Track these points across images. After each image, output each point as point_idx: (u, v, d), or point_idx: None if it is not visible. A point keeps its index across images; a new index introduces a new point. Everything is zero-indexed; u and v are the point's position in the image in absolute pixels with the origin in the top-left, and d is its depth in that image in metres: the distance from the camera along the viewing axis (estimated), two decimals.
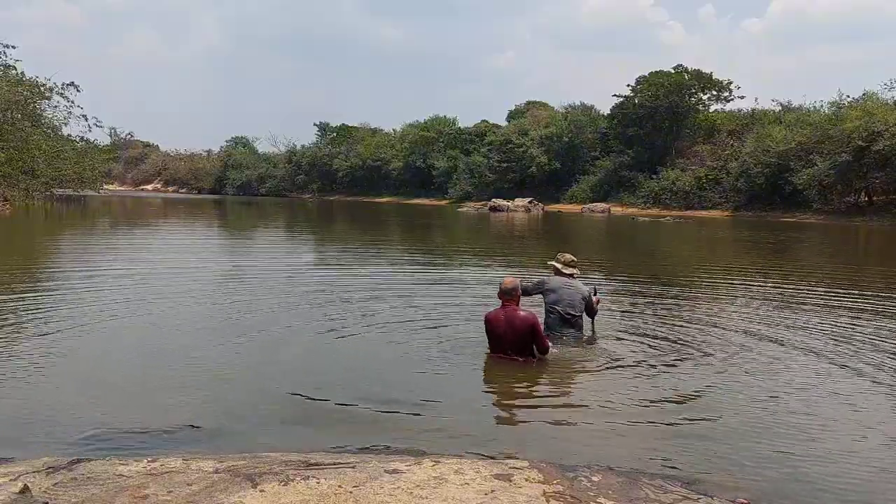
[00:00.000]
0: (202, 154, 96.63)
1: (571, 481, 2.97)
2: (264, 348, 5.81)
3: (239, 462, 3.07)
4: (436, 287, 9.64)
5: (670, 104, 50.15)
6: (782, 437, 3.87)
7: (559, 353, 5.63)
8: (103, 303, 7.64)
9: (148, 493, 2.69)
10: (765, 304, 8.69)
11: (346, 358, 5.60)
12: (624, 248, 20.99)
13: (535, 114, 62.07)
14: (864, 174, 36.09)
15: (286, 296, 8.48)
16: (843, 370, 5.37)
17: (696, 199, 44.87)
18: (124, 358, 5.41)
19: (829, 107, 42.86)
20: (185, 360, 5.28)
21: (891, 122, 34.71)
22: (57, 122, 36.98)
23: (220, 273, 11.12)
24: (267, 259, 14.25)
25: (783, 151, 39.84)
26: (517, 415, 4.38)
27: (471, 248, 18.85)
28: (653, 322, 7.18)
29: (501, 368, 5.25)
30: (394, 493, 2.72)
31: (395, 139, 73.02)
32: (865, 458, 3.62)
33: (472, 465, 3.07)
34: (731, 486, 3.16)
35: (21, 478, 2.80)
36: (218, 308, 7.58)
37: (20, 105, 32.61)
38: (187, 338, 6.07)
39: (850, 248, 21.94)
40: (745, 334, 6.62)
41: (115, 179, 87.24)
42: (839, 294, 9.54)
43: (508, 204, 45.54)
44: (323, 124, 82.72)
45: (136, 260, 12.77)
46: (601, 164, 53.39)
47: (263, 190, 78.88)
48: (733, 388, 4.83)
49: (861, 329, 6.97)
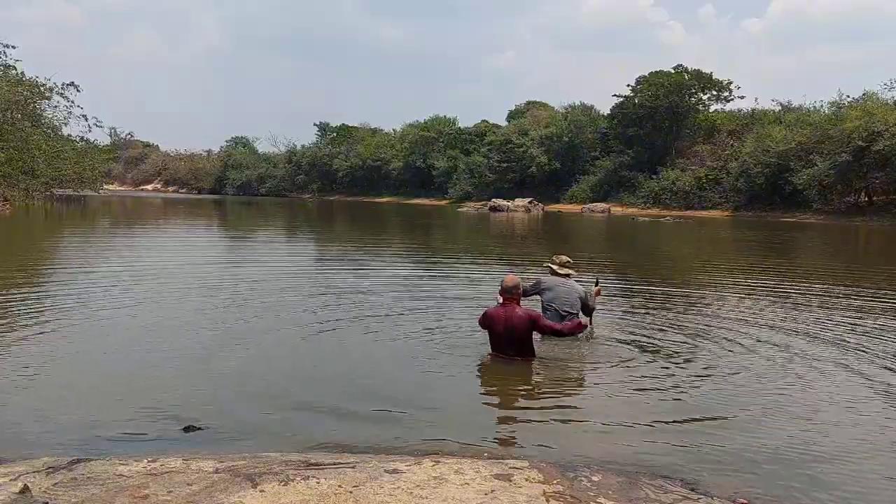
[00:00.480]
0: (202, 154, 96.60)
1: (571, 481, 2.97)
2: (264, 348, 5.81)
3: (239, 462, 3.07)
4: (436, 287, 9.64)
5: (670, 104, 50.13)
6: (782, 437, 3.87)
7: (558, 352, 5.64)
8: (103, 303, 7.64)
9: (148, 493, 2.69)
10: (766, 303, 8.68)
11: (347, 357, 5.60)
12: (624, 248, 20.99)
13: (535, 114, 62.04)
14: (864, 174, 36.07)
15: (286, 295, 8.48)
16: (844, 370, 5.37)
17: (696, 199, 44.85)
18: (124, 358, 5.41)
19: (829, 107, 42.88)
20: (185, 360, 5.28)
21: (891, 122, 34.70)
22: (57, 122, 37.01)
23: (220, 273, 11.11)
24: (267, 258, 14.25)
25: (783, 151, 39.83)
26: (517, 415, 4.38)
27: (471, 247, 18.85)
28: (653, 322, 7.18)
29: (501, 368, 5.25)
30: (394, 493, 2.72)
31: (395, 139, 72.98)
32: (866, 459, 3.62)
33: (472, 465, 3.07)
34: (731, 486, 3.16)
35: (21, 478, 2.80)
36: (218, 308, 7.57)
37: (20, 105, 32.61)
38: (187, 338, 6.07)
39: (850, 247, 21.93)
40: (746, 334, 6.62)
41: (115, 179, 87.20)
42: (841, 294, 9.54)
43: (508, 204, 45.53)
44: (323, 124, 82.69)
45: (136, 260, 12.77)
46: (601, 164, 53.37)
47: (263, 190, 78.86)
48: (734, 388, 4.83)
49: (862, 329, 6.96)
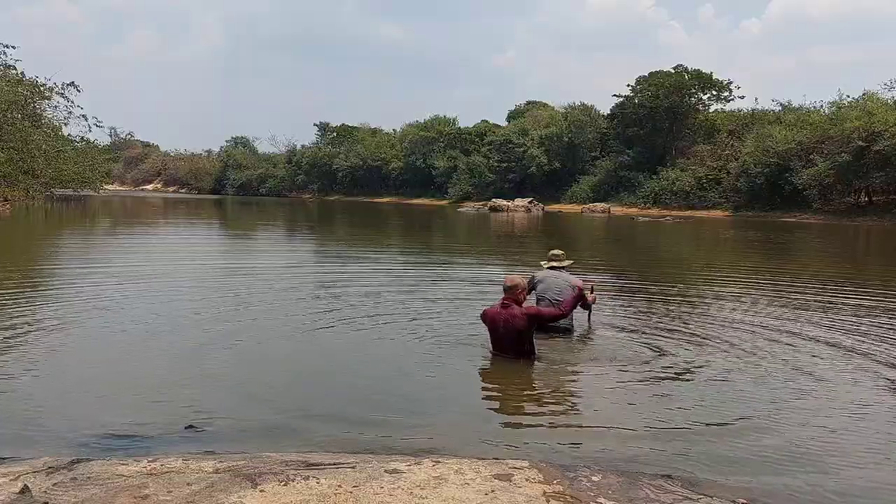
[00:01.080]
0: (202, 154, 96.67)
1: (571, 481, 2.97)
2: (264, 348, 5.81)
3: (239, 462, 3.07)
4: (436, 287, 9.63)
5: (670, 104, 50.12)
6: (783, 438, 3.86)
7: (558, 353, 5.64)
8: (103, 303, 7.64)
9: (148, 493, 2.69)
10: (767, 304, 8.68)
11: (347, 357, 5.60)
12: (625, 248, 20.98)
13: (535, 114, 62.04)
14: (864, 174, 36.07)
15: (286, 296, 8.48)
16: (847, 372, 5.36)
17: (696, 199, 44.84)
18: (124, 358, 5.40)
19: (829, 107, 42.89)
20: (184, 360, 5.28)
21: (891, 122, 34.71)
22: (57, 122, 37.07)
23: (220, 273, 11.12)
24: (267, 258, 14.25)
25: (783, 151, 39.84)
26: (517, 415, 4.37)
27: (471, 248, 18.84)
28: (654, 322, 7.17)
29: (501, 368, 5.25)
30: (394, 493, 2.72)
31: (395, 139, 73.00)
32: (867, 459, 3.62)
33: (472, 465, 3.07)
34: (731, 486, 3.16)
35: (21, 478, 2.80)
36: (217, 308, 7.57)
37: (20, 105, 32.64)
38: (187, 337, 6.07)
39: (850, 247, 21.92)
40: (747, 335, 6.61)
41: (115, 179, 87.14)
42: (843, 294, 9.53)
43: (508, 204, 45.52)
44: (323, 124, 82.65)
45: (136, 260, 12.77)
46: (601, 164, 53.36)
47: (263, 190, 78.91)
48: (734, 389, 4.82)
49: (865, 330, 6.94)
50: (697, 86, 51.40)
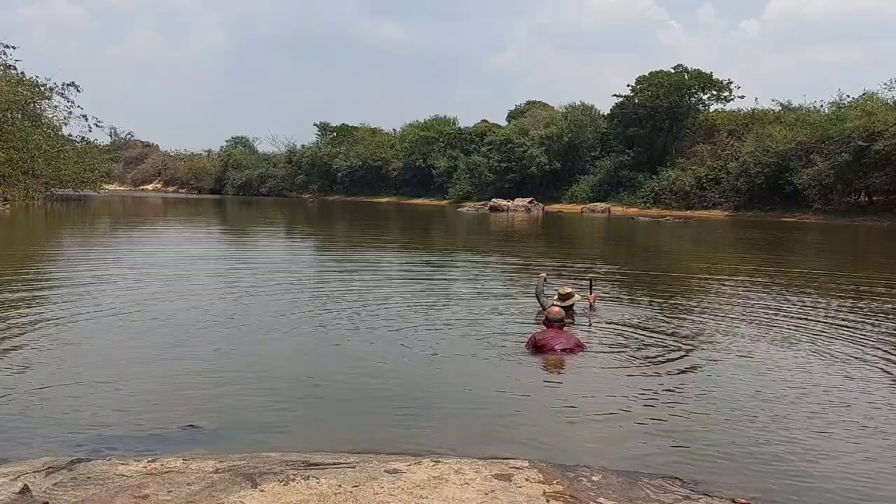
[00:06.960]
0: (202, 154, 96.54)
1: (571, 481, 2.97)
2: (265, 348, 5.81)
3: (239, 462, 3.06)
4: (436, 287, 9.63)
5: (670, 104, 50.09)
6: (783, 437, 3.87)
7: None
8: (103, 303, 7.63)
9: (148, 493, 2.69)
10: (768, 305, 8.68)
11: (347, 357, 5.60)
12: (625, 248, 20.97)
13: (535, 114, 61.96)
14: (864, 174, 36.05)
15: (286, 295, 8.47)
16: (848, 372, 5.36)
17: (696, 199, 44.82)
18: (124, 358, 5.41)
19: (829, 107, 42.90)
20: (184, 360, 5.28)
21: (891, 122, 34.69)
22: (57, 122, 37.08)
23: (220, 273, 11.11)
24: (268, 258, 14.25)
25: (783, 151, 39.83)
26: (517, 415, 4.37)
27: (471, 248, 18.83)
28: (654, 322, 7.17)
29: (501, 368, 5.26)
30: (394, 493, 2.72)
31: (395, 139, 72.90)
32: (866, 458, 3.62)
33: (472, 465, 3.07)
34: (731, 486, 3.16)
35: (21, 478, 2.80)
36: (218, 308, 7.57)
37: (20, 105, 32.66)
38: (187, 338, 6.07)
39: (850, 247, 21.91)
40: (748, 336, 6.62)
41: (115, 179, 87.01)
42: (843, 294, 9.53)
43: (508, 204, 45.50)
44: (323, 124, 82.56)
45: (135, 260, 12.76)
46: (601, 164, 53.32)
47: (263, 190, 78.82)
48: (735, 389, 4.83)
49: (866, 331, 6.95)
50: (697, 86, 51.34)
